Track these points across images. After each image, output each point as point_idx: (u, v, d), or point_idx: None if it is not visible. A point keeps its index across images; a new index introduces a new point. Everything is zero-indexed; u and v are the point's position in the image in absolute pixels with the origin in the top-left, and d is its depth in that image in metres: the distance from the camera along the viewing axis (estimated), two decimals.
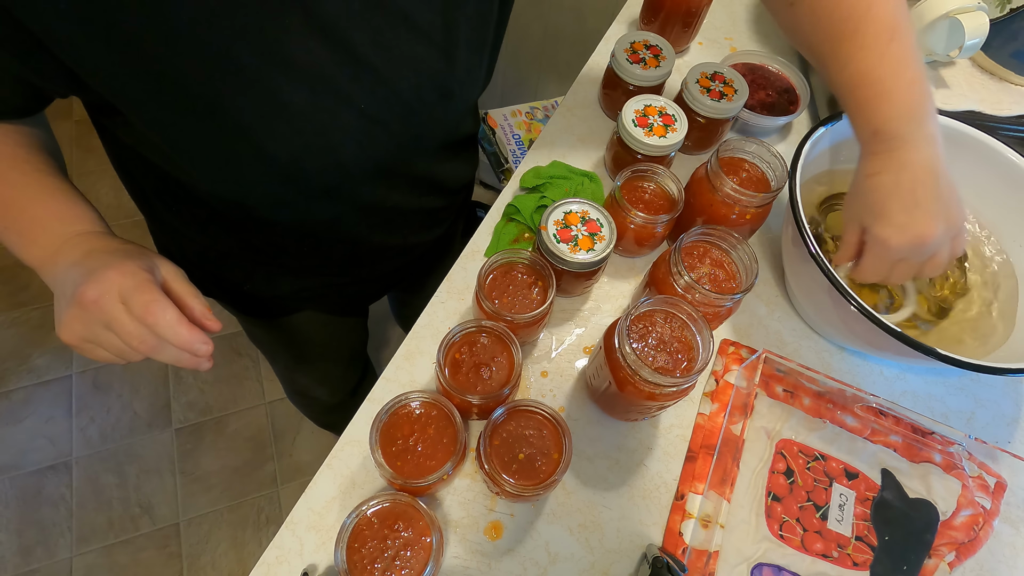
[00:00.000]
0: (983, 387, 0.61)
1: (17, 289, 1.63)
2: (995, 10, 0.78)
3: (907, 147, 0.47)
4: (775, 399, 0.58)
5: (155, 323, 0.40)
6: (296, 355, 0.88)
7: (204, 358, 0.43)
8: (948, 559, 0.52)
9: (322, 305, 0.78)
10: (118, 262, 0.42)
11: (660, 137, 0.62)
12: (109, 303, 0.40)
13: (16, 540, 1.32)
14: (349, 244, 0.64)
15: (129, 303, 0.40)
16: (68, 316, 0.42)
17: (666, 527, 0.52)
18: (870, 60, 0.48)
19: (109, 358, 0.43)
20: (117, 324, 0.40)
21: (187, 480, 1.42)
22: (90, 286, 0.40)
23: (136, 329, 0.41)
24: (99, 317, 0.40)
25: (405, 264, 0.75)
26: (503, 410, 0.47)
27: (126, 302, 0.40)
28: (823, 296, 0.54)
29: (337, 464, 0.52)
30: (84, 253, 0.44)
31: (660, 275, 0.54)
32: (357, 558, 0.43)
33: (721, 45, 0.85)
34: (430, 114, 0.52)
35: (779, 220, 0.68)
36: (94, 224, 0.47)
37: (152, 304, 0.40)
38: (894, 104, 0.47)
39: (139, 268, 0.42)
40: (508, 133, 1.40)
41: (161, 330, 0.41)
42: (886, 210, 0.48)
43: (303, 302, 0.75)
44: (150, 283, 0.42)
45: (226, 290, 0.72)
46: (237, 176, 0.47)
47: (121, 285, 0.41)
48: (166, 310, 0.41)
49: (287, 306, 0.76)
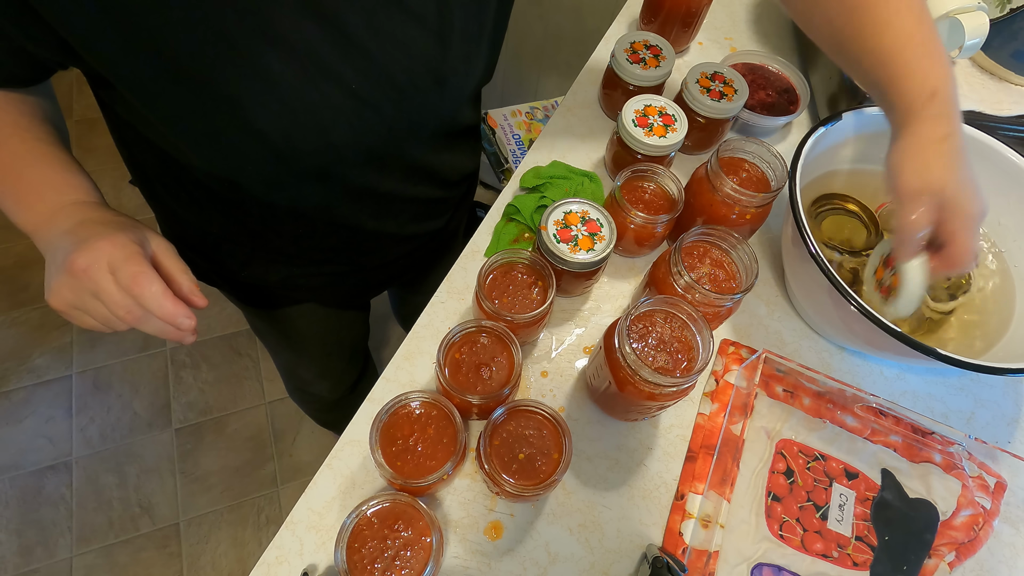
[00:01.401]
0: (983, 387, 0.61)
1: (17, 289, 1.63)
2: (995, 10, 0.78)
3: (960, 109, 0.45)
4: (775, 399, 0.58)
5: (141, 294, 0.41)
6: (298, 347, 0.88)
7: (187, 332, 0.44)
8: (948, 559, 0.52)
9: (322, 297, 0.78)
10: (110, 233, 0.43)
11: (660, 137, 0.62)
12: (98, 272, 0.41)
13: (16, 540, 1.32)
14: (344, 230, 0.64)
15: (117, 274, 0.41)
16: (57, 283, 0.42)
17: (666, 527, 0.52)
18: (910, 21, 0.46)
19: (95, 325, 0.44)
20: (104, 294, 0.41)
21: (187, 480, 1.42)
22: (80, 255, 0.41)
23: (122, 299, 0.42)
24: (87, 285, 0.41)
25: (405, 256, 0.75)
26: (503, 410, 0.47)
27: (114, 272, 0.41)
28: (823, 296, 0.54)
29: (337, 464, 0.52)
30: (77, 222, 0.45)
31: (660, 275, 0.54)
32: (357, 558, 0.43)
33: (721, 45, 0.85)
34: (424, 100, 0.52)
35: (779, 220, 0.68)
36: (89, 194, 0.48)
37: (139, 276, 0.41)
38: (945, 64, 0.46)
39: (130, 240, 0.43)
40: (508, 133, 1.40)
41: (146, 301, 0.41)
42: (969, 175, 0.44)
43: (302, 292, 0.75)
44: (139, 255, 0.42)
45: (227, 279, 0.72)
46: (228, 153, 0.47)
47: (111, 255, 0.41)
48: (152, 282, 0.41)
49: (288, 296, 0.76)
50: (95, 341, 1.57)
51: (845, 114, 0.60)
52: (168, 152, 0.53)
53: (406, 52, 0.47)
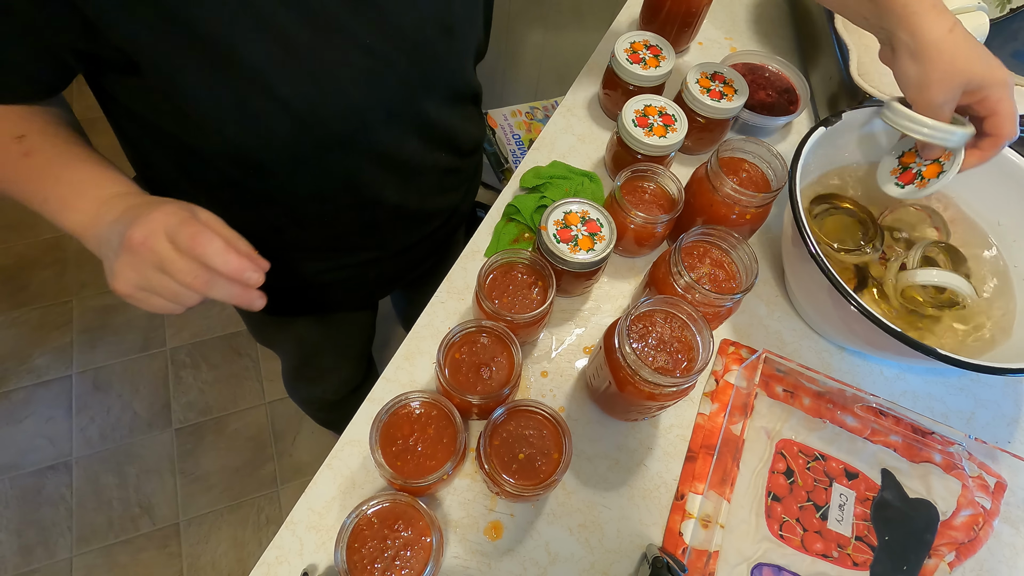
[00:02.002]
0: (983, 387, 0.61)
1: (17, 289, 1.63)
2: (995, 10, 0.78)
3: None
4: (775, 399, 0.58)
5: (203, 252, 0.40)
6: (309, 352, 0.88)
7: (256, 292, 0.43)
8: (948, 559, 0.52)
9: (339, 293, 0.78)
10: (159, 205, 0.42)
11: (660, 137, 0.62)
12: (157, 242, 0.40)
13: (16, 540, 1.32)
14: (367, 210, 0.64)
15: (176, 239, 0.40)
16: (119, 264, 0.42)
17: (666, 527, 0.52)
18: None
19: (165, 306, 0.43)
20: (168, 262, 0.40)
21: (187, 480, 1.42)
22: (136, 228, 0.41)
23: (186, 264, 0.41)
24: (149, 258, 0.41)
25: (425, 239, 0.75)
26: (503, 410, 0.47)
27: (173, 239, 0.40)
28: (823, 296, 0.54)
29: (337, 464, 0.52)
30: (123, 210, 0.44)
31: (660, 275, 0.54)
32: (357, 558, 0.43)
33: (721, 45, 0.85)
34: (434, 52, 0.54)
35: (779, 220, 0.68)
36: (127, 186, 0.48)
37: (198, 235, 0.40)
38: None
39: (180, 208, 0.43)
40: (508, 133, 1.40)
41: (210, 259, 0.40)
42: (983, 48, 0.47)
43: (323, 289, 0.75)
44: (193, 219, 0.42)
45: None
46: (253, 126, 0.48)
47: (166, 223, 0.41)
48: (212, 239, 0.40)
49: (306, 298, 0.76)
50: (95, 341, 1.57)
51: (845, 114, 0.60)
52: (185, 143, 0.53)
53: (413, 3, 0.49)
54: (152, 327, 1.61)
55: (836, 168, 0.65)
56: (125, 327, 1.60)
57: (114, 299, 1.64)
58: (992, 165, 0.60)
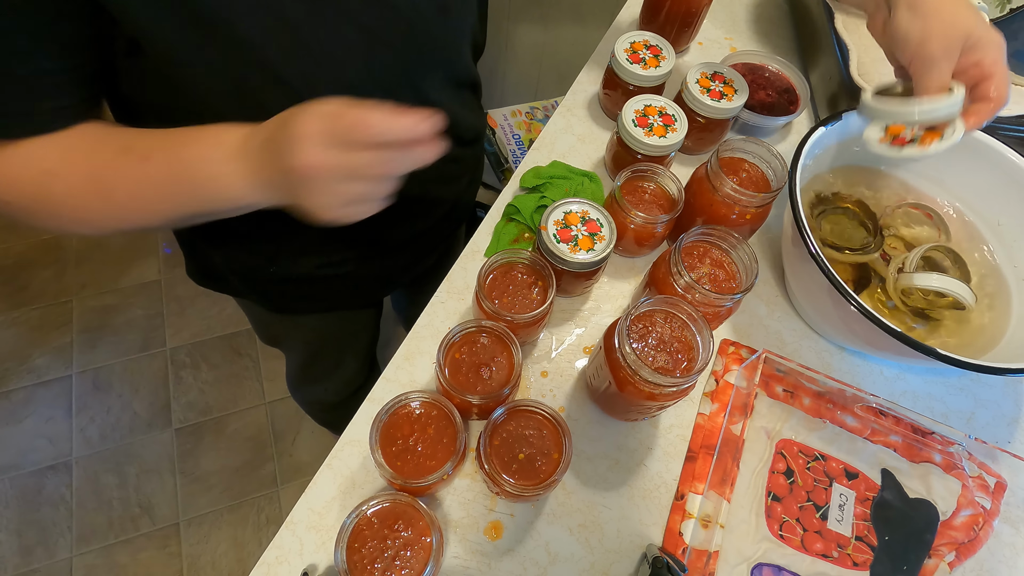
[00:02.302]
0: (983, 387, 0.61)
1: (17, 289, 1.63)
2: (995, 10, 0.78)
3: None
4: (775, 399, 0.58)
5: (374, 131, 0.38)
6: (315, 349, 0.88)
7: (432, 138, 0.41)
8: (948, 559, 0.52)
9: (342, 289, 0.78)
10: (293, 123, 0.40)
11: (660, 137, 0.62)
12: (326, 156, 0.39)
13: (16, 540, 1.32)
14: None
15: (339, 138, 0.39)
16: (313, 197, 0.40)
17: (666, 527, 0.52)
18: None
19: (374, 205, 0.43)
20: (348, 166, 0.39)
21: (187, 480, 1.42)
22: (297, 158, 0.39)
23: (368, 156, 0.39)
24: (328, 177, 0.39)
25: (428, 231, 0.75)
26: (503, 410, 0.47)
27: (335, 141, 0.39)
28: (823, 296, 0.54)
29: (337, 464, 0.52)
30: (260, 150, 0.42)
31: (660, 275, 0.54)
32: (357, 558, 0.43)
33: (721, 45, 0.85)
34: (429, 30, 0.53)
35: (779, 220, 0.68)
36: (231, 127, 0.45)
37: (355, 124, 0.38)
38: None
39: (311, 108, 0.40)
40: (508, 133, 1.40)
41: (383, 132, 0.38)
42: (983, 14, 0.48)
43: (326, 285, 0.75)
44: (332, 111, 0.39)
45: (255, 287, 0.72)
46: (252, 108, 0.47)
47: (318, 135, 0.39)
48: (369, 114, 0.38)
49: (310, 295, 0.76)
50: (95, 341, 1.57)
51: (845, 114, 0.60)
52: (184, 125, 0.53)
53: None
54: (152, 327, 1.61)
55: (836, 168, 0.65)
56: (125, 327, 1.60)
57: (114, 299, 1.64)
58: (992, 165, 0.61)
